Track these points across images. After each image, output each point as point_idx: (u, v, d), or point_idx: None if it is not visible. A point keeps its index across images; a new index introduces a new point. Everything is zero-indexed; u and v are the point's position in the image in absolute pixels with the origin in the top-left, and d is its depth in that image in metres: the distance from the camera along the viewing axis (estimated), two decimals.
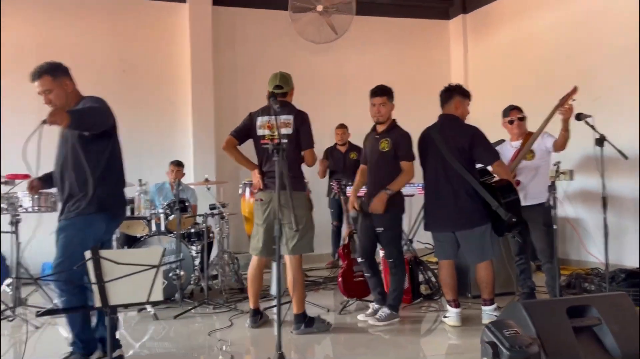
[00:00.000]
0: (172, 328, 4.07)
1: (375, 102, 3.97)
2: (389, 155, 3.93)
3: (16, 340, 3.92)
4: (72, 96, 3.02)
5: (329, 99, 7.51)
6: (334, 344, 3.64)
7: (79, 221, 2.87)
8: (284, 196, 3.47)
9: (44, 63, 2.98)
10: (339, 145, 6.69)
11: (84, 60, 6.43)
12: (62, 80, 3.00)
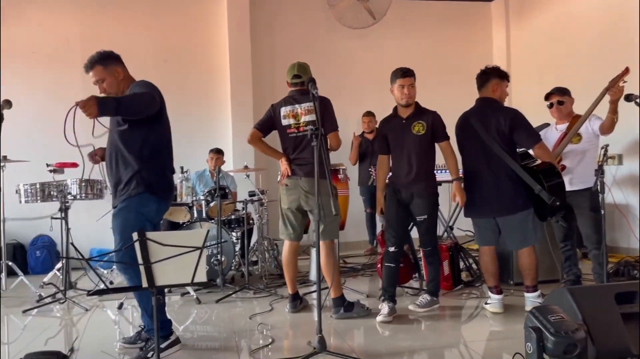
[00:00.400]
0: (214, 311, 4.15)
1: (404, 82, 3.78)
2: (425, 138, 3.80)
3: (66, 322, 4.09)
4: (124, 82, 3.07)
5: (368, 85, 7.46)
6: (374, 330, 3.64)
7: (131, 202, 2.91)
8: (310, 183, 3.71)
9: (95, 54, 3.05)
10: (367, 133, 6.63)
11: (126, 51, 6.50)
12: (113, 68, 3.05)
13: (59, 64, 6.39)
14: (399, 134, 3.86)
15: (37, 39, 6.43)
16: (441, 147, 3.86)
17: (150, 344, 2.85)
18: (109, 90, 3.03)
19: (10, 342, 3.61)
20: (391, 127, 3.94)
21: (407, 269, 4.48)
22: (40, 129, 6.29)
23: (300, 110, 3.88)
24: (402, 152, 3.85)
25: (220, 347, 3.32)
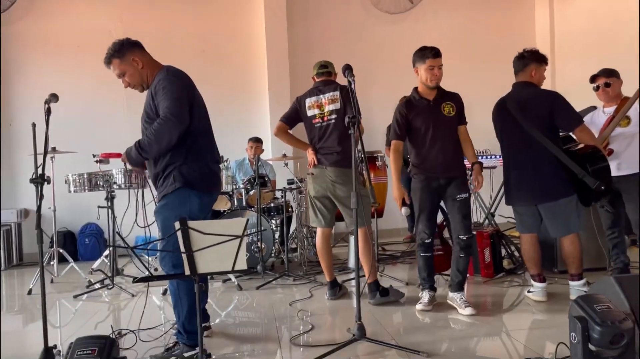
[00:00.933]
0: (255, 298, 4.23)
1: (435, 64, 3.56)
2: (454, 120, 3.61)
3: (114, 307, 4.25)
4: (146, 71, 2.88)
5: (405, 70, 7.34)
6: (413, 317, 3.63)
7: (169, 200, 2.79)
8: (336, 172, 3.87)
9: (109, 47, 2.88)
10: None
11: (165, 42, 6.71)
12: (130, 57, 2.86)
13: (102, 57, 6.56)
14: (428, 117, 3.58)
15: (81, 32, 6.61)
16: (460, 130, 3.67)
17: (175, 349, 2.83)
18: (132, 82, 2.89)
19: (63, 326, 3.78)
20: (418, 110, 3.61)
21: (446, 257, 4.43)
22: (87, 121, 6.50)
23: (324, 100, 3.98)
24: (433, 135, 3.56)
25: (261, 333, 3.38)
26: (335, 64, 4.15)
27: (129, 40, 2.89)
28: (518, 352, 2.80)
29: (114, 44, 2.87)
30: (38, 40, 6.59)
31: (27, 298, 4.57)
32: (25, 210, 6.45)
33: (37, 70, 6.53)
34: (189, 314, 2.80)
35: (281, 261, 5.31)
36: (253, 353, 2.99)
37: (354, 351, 2.86)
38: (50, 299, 2.83)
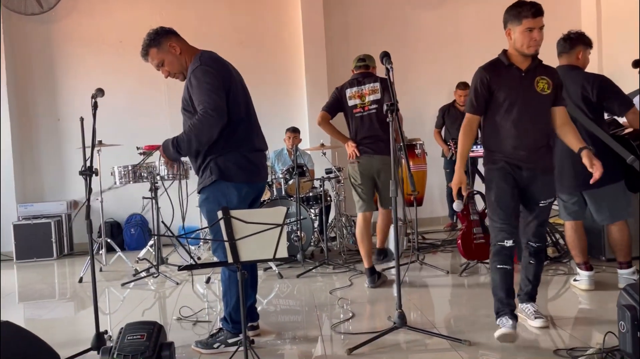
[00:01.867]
0: (296, 286, 4.28)
1: (535, 25, 2.77)
2: (548, 99, 2.85)
3: (160, 294, 4.38)
4: (184, 56, 2.81)
5: (444, 57, 7.24)
6: (454, 305, 3.61)
7: (209, 193, 2.78)
8: (383, 160, 4.05)
9: (144, 38, 2.82)
10: (459, 105, 6.43)
11: (203, 35, 6.78)
12: (167, 45, 2.80)
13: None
14: (518, 90, 2.82)
15: (122, 28, 6.77)
16: (558, 113, 2.89)
17: (220, 336, 2.87)
18: (172, 70, 2.83)
19: (112, 312, 3.93)
20: (505, 79, 2.86)
21: (488, 245, 4.35)
22: (131, 114, 6.67)
23: (365, 91, 4.18)
24: (520, 114, 2.81)
25: (302, 321, 3.43)
26: (372, 52, 4.13)
27: (163, 28, 2.84)
28: (564, 341, 2.75)
29: (148, 34, 2.82)
30: (83, 37, 6.79)
31: (78, 286, 4.76)
32: (75, 201, 6.70)
33: (83, 66, 6.74)
34: (236, 304, 2.80)
35: (320, 250, 5.35)
36: (294, 340, 3.03)
37: (395, 339, 2.87)
38: (99, 287, 2.96)
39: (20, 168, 6.62)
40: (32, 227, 6.15)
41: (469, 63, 7.30)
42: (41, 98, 6.76)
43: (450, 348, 2.70)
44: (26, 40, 6.69)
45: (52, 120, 6.77)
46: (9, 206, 6.34)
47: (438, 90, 6.75)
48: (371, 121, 4.12)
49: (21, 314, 4.11)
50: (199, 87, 2.64)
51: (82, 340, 2.88)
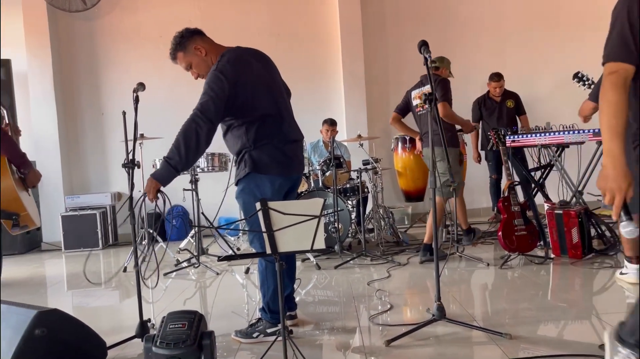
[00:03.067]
0: (333, 277, 4.29)
1: None
2: None
3: (201, 284, 4.47)
4: (210, 56, 2.82)
5: (485, 44, 7.08)
6: (495, 298, 3.55)
7: (244, 185, 2.82)
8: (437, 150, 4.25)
9: (171, 42, 2.85)
10: (494, 96, 6.29)
11: (240, 29, 6.87)
12: (193, 47, 2.82)
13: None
14: None
15: (162, 23, 6.90)
16: None
17: (258, 325, 2.91)
18: (200, 72, 2.85)
19: (155, 301, 4.03)
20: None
21: (530, 236, 4.27)
22: (171, 108, 6.79)
23: (425, 91, 4.55)
24: None
25: (340, 311, 3.44)
26: (411, 42, 4.05)
27: (187, 30, 2.86)
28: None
29: (174, 37, 2.84)
30: (124, 32, 6.95)
31: (122, 275, 4.92)
32: (118, 193, 6.90)
33: (125, 61, 6.91)
34: (273, 295, 2.85)
35: (358, 242, 5.34)
36: (332, 330, 3.05)
37: (433, 331, 2.84)
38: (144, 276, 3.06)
39: (67, 161, 6.86)
40: (79, 218, 6.38)
41: (510, 52, 7.17)
42: (85, 93, 6.98)
43: (491, 341, 2.66)
44: (71, 37, 6.90)
45: (96, 115, 6.98)
46: (57, 198, 6.59)
47: (476, 80, 6.61)
48: (426, 118, 4.64)
49: (69, 302, 4.27)
50: (205, 89, 2.66)
51: (126, 328, 2.97)
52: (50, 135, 6.64)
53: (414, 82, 4.88)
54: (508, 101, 6.21)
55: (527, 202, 4.45)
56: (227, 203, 5.78)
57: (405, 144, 6.10)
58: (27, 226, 2.87)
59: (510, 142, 4.82)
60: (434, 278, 2.86)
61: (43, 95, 6.63)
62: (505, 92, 6.26)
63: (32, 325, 2.04)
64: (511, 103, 6.20)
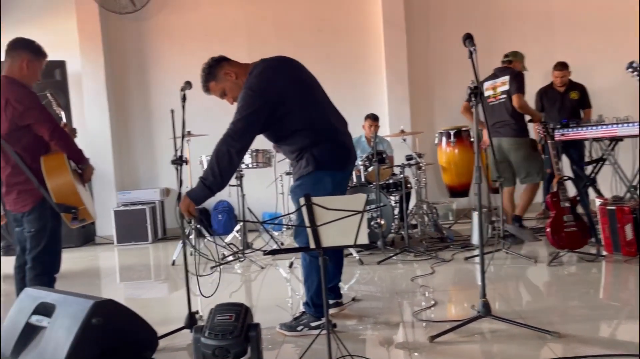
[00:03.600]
0: (376, 273, 4.29)
1: None
2: None
3: (246, 278, 4.56)
4: (241, 79, 2.86)
5: (532, 38, 6.87)
6: (543, 296, 3.47)
7: (304, 181, 2.85)
8: (509, 141, 4.97)
9: (201, 74, 2.92)
10: (557, 86, 6.07)
11: (283, 26, 6.92)
12: (222, 74, 2.88)
13: (228, 43, 6.92)
14: None
15: (208, 22, 7.04)
16: None
17: (302, 319, 2.94)
18: (234, 95, 2.88)
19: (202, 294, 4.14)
20: None
21: (581, 233, 4.14)
22: (216, 105, 6.90)
23: (498, 83, 5.02)
24: None
25: (383, 307, 3.44)
26: (455, 33, 4.00)
27: (213, 59, 2.91)
28: None
29: (202, 69, 2.90)
30: (172, 32, 7.13)
31: (171, 269, 5.07)
32: (167, 189, 7.11)
33: (172, 61, 7.09)
34: (317, 289, 2.88)
35: (401, 237, 5.32)
36: (376, 326, 3.06)
37: (478, 328, 2.81)
38: (190, 270, 3.15)
39: (118, 158, 7.12)
40: (130, 213, 6.61)
41: (561, 43, 6.94)
42: (135, 92, 7.21)
43: (538, 340, 2.61)
44: (121, 38, 7.13)
45: (145, 113, 7.20)
46: (110, 194, 6.85)
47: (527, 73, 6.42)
48: (500, 108, 4.99)
49: (122, 293, 4.45)
50: (237, 109, 2.73)
51: (175, 319, 3.07)
52: (103, 133, 6.90)
53: (458, 75, 4.83)
54: (572, 92, 5.97)
55: (576, 198, 4.31)
56: (271, 198, 5.90)
57: (450, 139, 6.02)
58: (85, 219, 3.00)
59: (560, 135, 4.69)
60: (479, 275, 2.83)
61: (96, 94, 6.89)
62: (570, 82, 6.00)
63: (90, 314, 2.14)
64: (575, 95, 5.96)
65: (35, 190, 2.91)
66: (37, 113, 2.88)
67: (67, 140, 2.98)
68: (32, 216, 2.95)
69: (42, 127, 2.89)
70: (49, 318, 2.26)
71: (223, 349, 2.16)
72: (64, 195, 2.89)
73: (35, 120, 2.88)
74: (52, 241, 2.99)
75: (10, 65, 2.95)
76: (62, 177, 2.89)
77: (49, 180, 2.87)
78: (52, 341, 2.16)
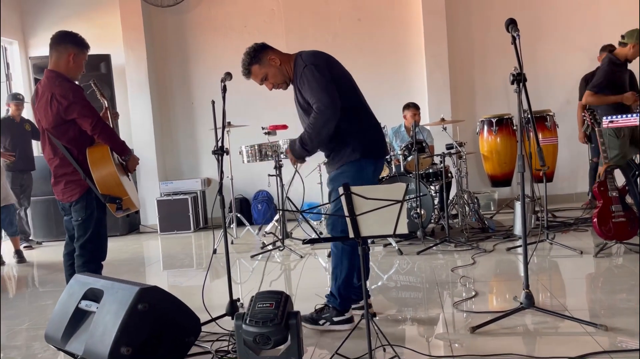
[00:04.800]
0: (416, 263, 4.26)
1: None
2: None
3: (285, 267, 4.61)
4: (284, 66, 2.90)
5: (577, 21, 6.63)
6: (589, 288, 3.37)
7: (347, 168, 2.85)
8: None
9: (244, 57, 2.93)
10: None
11: (322, 15, 6.89)
12: (267, 59, 2.89)
13: (266, 34, 6.96)
14: None
15: (247, 13, 7.09)
16: None
17: (325, 312, 2.89)
18: (275, 81, 2.94)
19: (243, 282, 4.22)
20: None
21: (629, 223, 3.99)
22: (255, 96, 6.99)
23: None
24: None
25: (423, 297, 3.42)
26: (498, 19, 3.89)
27: (258, 45, 2.94)
28: None
29: (247, 53, 2.92)
30: (211, 24, 7.21)
31: (212, 257, 5.17)
32: (208, 179, 7.23)
33: (212, 52, 7.18)
34: (346, 279, 2.86)
35: (441, 228, 5.26)
36: (416, 316, 3.04)
37: (521, 320, 2.76)
38: (231, 258, 3.20)
39: (161, 149, 7.28)
40: (172, 203, 6.77)
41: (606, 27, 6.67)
42: (177, 84, 7.34)
43: (585, 333, 2.54)
44: (162, 31, 7.27)
45: (187, 104, 7.33)
46: (153, 184, 7.03)
47: (571, 58, 6.21)
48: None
49: (165, 281, 4.57)
50: (310, 86, 2.74)
51: (217, 306, 3.14)
52: (146, 125, 7.08)
53: (501, 62, 4.68)
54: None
55: (625, 187, 4.16)
56: (309, 188, 5.93)
57: (492, 127, 5.88)
58: (130, 209, 3.10)
59: (608, 122, 4.51)
60: (522, 266, 2.77)
61: (139, 87, 7.06)
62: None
63: (136, 300, 2.21)
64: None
65: (81, 181, 3.01)
66: (80, 107, 2.96)
67: (110, 133, 3.05)
68: (79, 206, 3.05)
69: (84, 121, 2.97)
70: (98, 304, 2.35)
71: (264, 336, 2.19)
72: (109, 185, 2.98)
73: (79, 114, 2.96)
74: (99, 229, 3.10)
75: (57, 60, 3.05)
76: (106, 168, 2.99)
77: (94, 172, 2.97)
78: (101, 325, 2.25)
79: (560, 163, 6.30)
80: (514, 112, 5.65)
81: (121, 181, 3.00)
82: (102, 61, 6.70)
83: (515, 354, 2.34)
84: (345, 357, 2.43)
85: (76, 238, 3.10)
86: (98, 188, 2.98)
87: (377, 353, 2.42)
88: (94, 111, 3.02)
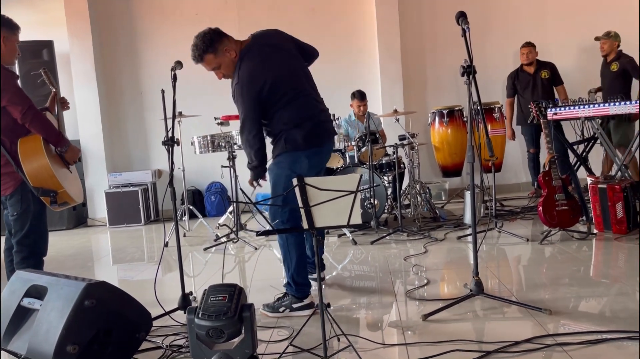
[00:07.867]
0: (370, 252, 4.31)
1: None
2: None
3: (240, 259, 4.57)
4: (237, 57, 2.91)
5: (524, 17, 6.83)
6: (534, 274, 3.49)
7: (283, 158, 2.91)
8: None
9: (199, 42, 2.87)
10: (525, 66, 6.07)
11: (277, 3, 6.81)
12: (223, 49, 2.87)
13: (219, 22, 6.75)
14: None
15: (199, 1, 6.92)
16: None
17: (285, 300, 2.94)
18: (227, 72, 2.94)
19: (196, 275, 4.15)
20: None
21: (572, 212, 4.16)
22: (208, 85, 6.83)
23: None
24: None
25: (376, 286, 3.46)
26: (449, 12, 3.98)
27: (212, 30, 2.90)
28: None
29: (202, 38, 2.86)
30: (161, 11, 7.00)
31: (164, 250, 5.06)
32: (159, 170, 7.06)
33: (162, 40, 6.97)
34: (297, 267, 2.92)
35: (394, 217, 5.33)
36: (369, 305, 3.08)
37: (471, 307, 2.84)
38: (184, 251, 3.13)
39: (109, 140, 7.04)
40: (122, 195, 6.57)
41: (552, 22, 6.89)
42: (125, 73, 7.10)
43: (530, 317, 2.64)
44: (110, 17, 7.00)
45: (136, 94, 7.11)
46: (101, 176, 6.79)
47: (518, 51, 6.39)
48: None
49: (115, 275, 4.44)
50: (237, 102, 2.89)
51: (169, 300, 3.07)
52: (92, 115, 6.81)
53: (451, 55, 4.76)
54: (542, 72, 5.98)
55: (568, 177, 4.33)
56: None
57: (443, 118, 6.00)
58: (67, 203, 2.95)
59: (552, 114, 4.68)
60: (472, 253, 2.84)
61: (85, 75, 6.78)
62: (538, 62, 6.03)
63: (82, 296, 2.13)
64: (546, 74, 5.98)
65: (15, 174, 2.86)
66: (10, 95, 2.79)
67: (42, 123, 2.89)
68: (14, 199, 2.91)
69: (14, 109, 2.80)
70: (41, 301, 2.25)
71: (217, 329, 2.16)
72: (41, 178, 2.83)
73: (8, 102, 2.79)
74: (36, 223, 2.96)
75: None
76: (37, 160, 2.83)
77: (24, 163, 2.81)
78: (45, 323, 2.16)
79: (507, 153, 6.51)
80: (464, 103, 5.80)
81: (54, 174, 2.84)
82: (45, 48, 6.38)
83: (465, 339, 2.40)
84: (300, 348, 2.44)
85: (13, 233, 2.95)
86: (29, 180, 2.82)
87: (331, 342, 2.44)
88: (26, 99, 2.84)
